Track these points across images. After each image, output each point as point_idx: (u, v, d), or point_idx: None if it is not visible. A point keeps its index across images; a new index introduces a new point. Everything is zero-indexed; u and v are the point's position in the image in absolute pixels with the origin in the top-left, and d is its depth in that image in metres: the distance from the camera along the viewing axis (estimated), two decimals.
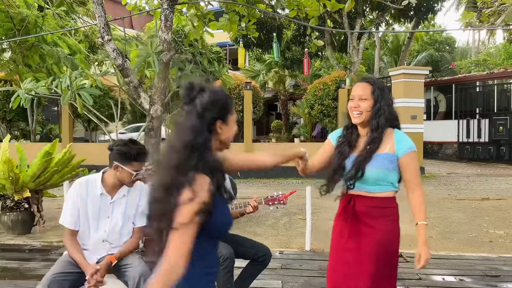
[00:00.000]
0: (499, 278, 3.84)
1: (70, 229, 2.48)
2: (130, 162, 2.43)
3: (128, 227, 2.58)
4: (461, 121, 16.04)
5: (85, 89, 4.23)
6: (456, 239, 5.47)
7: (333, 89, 12.20)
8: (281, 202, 2.87)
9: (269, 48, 15.98)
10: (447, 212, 7.10)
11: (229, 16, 4.91)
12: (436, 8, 15.27)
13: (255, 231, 5.69)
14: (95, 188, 2.50)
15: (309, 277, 3.86)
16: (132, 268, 2.41)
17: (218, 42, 16.21)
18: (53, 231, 5.67)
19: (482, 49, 29.15)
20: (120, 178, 2.48)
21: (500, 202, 8.02)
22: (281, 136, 17.24)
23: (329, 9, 4.49)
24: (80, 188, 2.50)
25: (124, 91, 5.47)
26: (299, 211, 6.97)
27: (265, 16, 14.13)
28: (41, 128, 17.66)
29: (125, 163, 2.43)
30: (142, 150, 2.47)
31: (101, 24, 4.04)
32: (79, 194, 2.49)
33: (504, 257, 4.58)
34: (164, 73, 4.20)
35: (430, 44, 26.02)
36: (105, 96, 13.06)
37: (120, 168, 2.45)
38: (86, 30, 13.16)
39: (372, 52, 23.74)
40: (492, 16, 6.18)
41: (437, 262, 4.33)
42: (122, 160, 2.44)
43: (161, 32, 4.19)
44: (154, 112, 4.17)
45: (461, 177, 11.87)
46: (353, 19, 14.71)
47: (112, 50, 4.02)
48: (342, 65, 16.09)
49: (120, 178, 2.48)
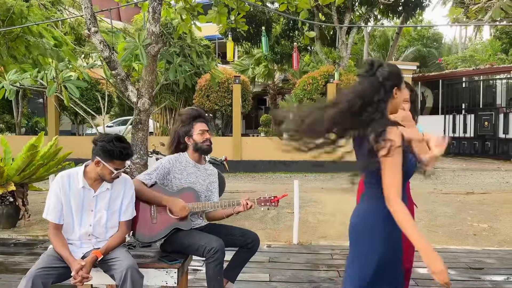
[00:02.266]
0: (482, 271, 3.92)
1: (54, 223, 2.45)
2: (112, 160, 2.41)
3: (113, 220, 2.56)
4: (447, 116, 16.25)
5: (71, 81, 4.17)
6: (441, 232, 5.55)
7: (322, 84, 12.24)
8: (272, 204, 2.91)
9: (258, 42, 15.94)
10: (433, 205, 7.20)
11: (218, 8, 4.88)
12: (424, 3, 15.38)
13: (243, 224, 5.70)
14: (77, 182, 2.48)
15: (296, 270, 3.88)
16: (119, 262, 2.39)
17: (207, 36, 16.13)
18: (39, 225, 5.61)
19: (468, 45, 29.49)
20: (101, 174, 2.46)
21: (484, 196, 8.16)
22: (270, 130, 17.25)
23: (320, 2, 4.50)
24: (62, 181, 2.47)
25: (112, 84, 5.41)
26: (287, 205, 7.00)
27: (255, 9, 14.07)
28: (27, 120, 17.41)
29: (107, 160, 2.41)
30: (126, 150, 2.44)
31: (87, 15, 3.98)
32: (61, 188, 2.46)
33: (487, 250, 4.67)
34: (152, 66, 4.16)
35: (418, 40, 26.21)
36: (92, 89, 12.92)
37: (102, 164, 2.43)
38: (72, 22, 12.97)
39: (361, 47, 23.83)
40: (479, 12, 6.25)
41: None
42: (105, 157, 2.41)
43: (149, 25, 4.15)
44: (141, 105, 4.13)
45: (447, 172, 12.04)
46: (342, 13, 14.73)
47: (99, 42, 3.97)
48: (331, 60, 16.13)
49: (100, 174, 2.46)
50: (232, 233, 2.92)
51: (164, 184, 2.87)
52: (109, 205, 2.54)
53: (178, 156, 2.96)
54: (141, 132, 4.21)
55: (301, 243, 4.82)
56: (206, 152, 3.01)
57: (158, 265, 2.62)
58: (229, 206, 2.86)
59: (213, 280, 2.65)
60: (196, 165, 2.98)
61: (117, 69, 4.08)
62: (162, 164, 2.86)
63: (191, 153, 2.98)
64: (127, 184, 2.60)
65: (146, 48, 4.00)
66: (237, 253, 2.95)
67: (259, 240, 2.96)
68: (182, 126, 2.98)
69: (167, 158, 2.91)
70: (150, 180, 2.79)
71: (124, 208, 2.57)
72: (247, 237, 2.90)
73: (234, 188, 8.63)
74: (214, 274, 2.64)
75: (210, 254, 2.61)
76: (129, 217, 2.60)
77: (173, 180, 2.87)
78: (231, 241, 2.86)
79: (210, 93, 12.69)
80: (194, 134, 2.93)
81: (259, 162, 12.20)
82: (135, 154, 4.23)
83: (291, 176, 10.95)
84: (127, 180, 2.62)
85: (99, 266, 2.48)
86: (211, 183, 3.05)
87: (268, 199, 2.89)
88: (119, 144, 2.43)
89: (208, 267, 2.65)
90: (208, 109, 12.83)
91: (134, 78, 7.39)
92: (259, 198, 2.90)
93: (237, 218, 6.17)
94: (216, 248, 2.62)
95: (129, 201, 2.59)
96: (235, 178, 10.83)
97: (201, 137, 2.93)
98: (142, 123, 4.20)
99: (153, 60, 4.16)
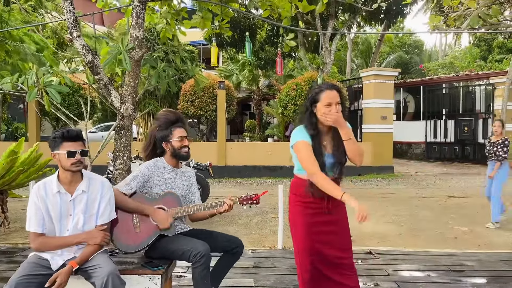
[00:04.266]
0: (463, 273, 3.99)
1: (37, 233, 2.42)
2: (60, 144, 2.43)
3: (90, 224, 2.52)
4: (428, 122, 16.54)
5: (52, 86, 4.11)
6: (423, 236, 5.64)
7: (306, 89, 12.32)
8: (254, 202, 2.90)
9: (242, 47, 15.98)
10: (415, 209, 7.31)
11: (202, 13, 4.89)
12: (405, 11, 15.69)
13: (228, 230, 5.69)
14: (52, 187, 2.45)
15: (281, 275, 3.89)
16: (100, 269, 2.35)
17: (192, 41, 16.10)
18: (19, 232, 5.49)
19: (448, 52, 30.15)
20: (64, 166, 2.44)
21: (464, 200, 8.33)
22: (254, 136, 17.28)
23: (301, 10, 4.54)
24: (39, 190, 2.45)
25: (94, 89, 5.36)
26: (271, 210, 7.01)
27: (239, 15, 14.12)
28: (6, 126, 17.07)
29: (57, 147, 2.44)
30: (71, 132, 2.46)
31: (69, 19, 3.94)
32: (39, 197, 2.43)
33: (468, 252, 4.76)
34: (135, 71, 4.13)
35: (400, 47, 26.72)
36: (74, 94, 12.76)
37: (56, 154, 2.45)
38: (54, 26, 12.80)
39: (344, 54, 24.16)
40: (458, 20, 6.40)
41: (405, 258, 4.45)
42: (54, 146, 2.45)
43: (133, 30, 4.12)
44: (125, 111, 4.10)
45: (429, 176, 12.24)
46: (325, 20, 14.91)
47: (82, 47, 3.93)
48: (314, 66, 16.28)
49: (63, 167, 2.45)
50: (216, 238, 2.92)
51: (144, 191, 2.83)
52: (86, 208, 2.50)
53: (156, 161, 2.90)
54: (124, 138, 4.17)
55: (285, 248, 4.83)
56: (185, 159, 2.96)
57: (141, 271, 2.59)
58: (211, 208, 2.85)
59: (200, 284, 2.63)
60: (174, 170, 2.94)
61: (100, 74, 4.05)
62: (142, 172, 2.81)
63: (169, 159, 2.93)
64: (104, 186, 2.57)
65: (129, 53, 3.98)
66: (221, 258, 2.95)
67: (243, 245, 2.96)
68: (159, 130, 2.91)
69: (146, 165, 2.86)
70: (131, 189, 2.75)
71: (101, 211, 2.54)
72: (231, 242, 2.89)
73: (219, 193, 8.60)
74: (201, 279, 2.62)
75: (196, 259, 2.60)
76: (106, 220, 2.56)
77: (153, 187, 2.84)
78: (215, 246, 2.85)
79: (195, 99, 12.66)
80: (172, 140, 2.88)
81: (244, 167, 12.20)
82: (118, 159, 4.19)
83: (276, 181, 10.97)
84: (104, 182, 2.59)
85: (80, 274, 2.44)
86: (190, 185, 3.02)
87: (250, 197, 2.90)
88: (63, 130, 2.47)
89: (194, 272, 2.64)
90: (192, 115, 12.79)
91: (117, 83, 7.33)
92: (241, 197, 2.90)
93: (222, 224, 6.16)
94: (202, 252, 2.61)
95: (106, 203, 2.55)
96: (220, 184, 10.80)
97: (180, 143, 2.88)
98: (126, 129, 4.16)
99: (137, 65, 4.14)
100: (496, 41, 22.51)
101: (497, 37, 21.82)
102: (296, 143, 2.52)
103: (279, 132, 16.02)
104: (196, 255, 2.60)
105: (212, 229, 3.11)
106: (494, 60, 21.97)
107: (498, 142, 6.00)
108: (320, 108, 2.49)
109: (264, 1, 4.63)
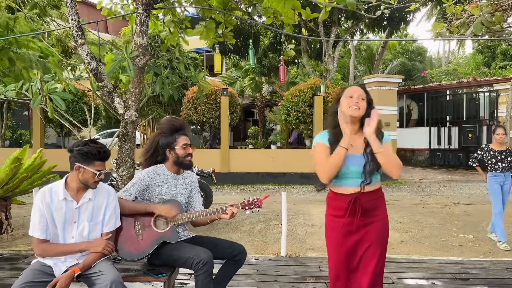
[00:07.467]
0: (468, 281, 3.95)
1: (41, 239, 2.41)
2: (92, 161, 2.40)
3: (96, 232, 2.52)
4: (432, 129, 16.49)
5: (56, 93, 4.14)
6: (428, 243, 5.60)
7: (309, 96, 12.34)
8: (256, 206, 2.89)
9: (246, 54, 16.04)
10: (419, 216, 7.26)
11: (206, 23, 4.91)
12: (408, 18, 15.70)
13: (231, 237, 5.67)
14: (58, 194, 2.45)
15: (284, 282, 3.87)
16: (103, 276, 2.35)
17: (195, 48, 16.19)
18: (22, 239, 5.50)
19: (452, 59, 30.13)
20: (83, 180, 2.43)
21: (469, 207, 8.26)
22: (257, 142, 17.29)
23: (304, 18, 4.55)
24: (44, 196, 2.44)
25: (98, 96, 5.38)
26: (275, 217, 6.99)
27: (242, 23, 14.19)
28: (11, 133, 17.16)
29: (87, 163, 2.40)
30: (103, 149, 2.45)
31: (74, 27, 3.97)
32: (43, 203, 2.43)
33: (473, 260, 4.72)
34: (139, 78, 4.15)
35: (403, 53, 26.71)
36: (78, 101, 12.83)
37: (82, 169, 2.41)
38: (59, 33, 12.91)
39: (347, 60, 24.18)
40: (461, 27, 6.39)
41: (410, 266, 4.42)
42: (84, 160, 2.40)
43: (136, 37, 4.15)
44: (128, 117, 4.11)
45: (433, 183, 12.18)
46: (328, 27, 14.95)
47: (86, 54, 3.96)
48: (317, 73, 16.30)
49: (83, 180, 2.43)
50: (219, 245, 2.90)
51: (145, 198, 2.83)
52: (92, 216, 2.50)
53: (156, 168, 2.89)
54: (128, 144, 4.18)
55: (289, 255, 4.80)
56: (188, 168, 2.95)
57: (144, 279, 2.59)
58: (213, 213, 2.84)
59: None
60: (175, 176, 2.93)
61: (104, 81, 4.07)
62: (141, 179, 2.80)
63: (170, 166, 2.91)
64: (110, 195, 2.57)
65: (133, 60, 4.00)
66: (224, 266, 2.93)
67: (246, 253, 2.94)
68: (163, 137, 2.90)
69: (145, 172, 2.84)
70: (130, 196, 2.74)
71: (106, 220, 2.54)
72: (234, 249, 2.87)
73: (222, 200, 8.59)
74: (203, 286, 2.61)
75: (199, 266, 2.59)
76: (112, 228, 2.56)
77: (154, 194, 2.83)
78: (218, 253, 2.83)
79: (198, 105, 12.69)
80: (177, 148, 2.86)
81: (247, 174, 12.18)
82: (122, 166, 4.20)
83: (279, 188, 10.95)
84: (110, 191, 2.59)
85: (83, 280, 2.43)
86: (192, 190, 3.01)
87: (252, 202, 2.88)
88: (95, 145, 2.43)
89: (197, 280, 2.62)
90: (196, 121, 12.81)
91: (121, 90, 7.36)
92: (243, 202, 2.89)
93: (225, 231, 6.14)
94: (205, 260, 2.60)
95: (112, 212, 2.56)
96: (223, 190, 10.79)
97: (184, 151, 2.87)
98: (129, 135, 4.17)
99: (140, 72, 4.16)
100: (499, 48, 22.50)
101: (500, 43, 21.81)
102: (314, 146, 2.46)
103: (282, 139, 16.02)
104: (199, 262, 2.59)
105: (215, 236, 3.09)
106: (497, 67, 21.94)
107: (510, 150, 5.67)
108: (342, 102, 2.37)
109: (267, 9, 4.65)
